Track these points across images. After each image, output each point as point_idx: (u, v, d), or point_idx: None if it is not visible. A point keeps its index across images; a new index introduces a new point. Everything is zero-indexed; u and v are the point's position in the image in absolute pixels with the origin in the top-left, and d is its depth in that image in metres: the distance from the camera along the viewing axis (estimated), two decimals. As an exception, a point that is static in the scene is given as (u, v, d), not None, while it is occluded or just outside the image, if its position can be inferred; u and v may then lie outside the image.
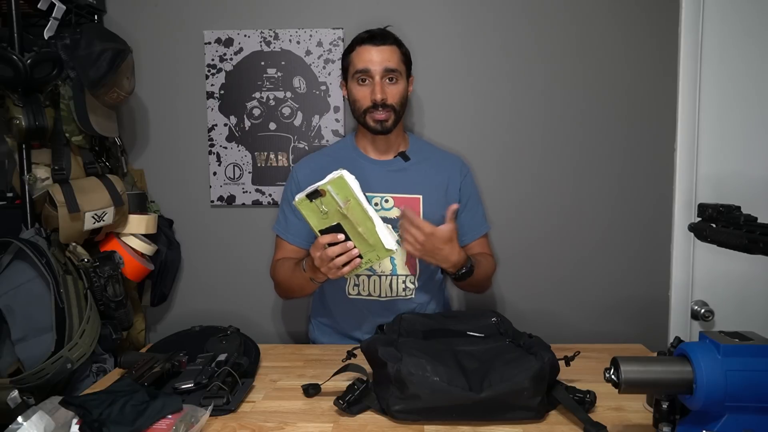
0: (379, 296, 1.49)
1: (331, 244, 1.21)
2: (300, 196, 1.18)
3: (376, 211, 1.43)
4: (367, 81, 1.43)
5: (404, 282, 1.49)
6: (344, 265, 1.21)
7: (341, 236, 1.19)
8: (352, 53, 1.45)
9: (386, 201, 1.48)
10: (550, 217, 1.74)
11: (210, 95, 1.75)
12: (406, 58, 1.48)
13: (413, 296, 1.50)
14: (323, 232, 1.20)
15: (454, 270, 1.36)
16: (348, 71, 1.47)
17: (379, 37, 1.43)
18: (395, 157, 1.52)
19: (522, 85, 1.71)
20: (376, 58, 1.41)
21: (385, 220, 1.45)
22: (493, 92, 1.72)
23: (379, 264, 1.47)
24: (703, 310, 1.68)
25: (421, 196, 1.49)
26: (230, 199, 1.77)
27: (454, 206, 1.33)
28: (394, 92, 1.43)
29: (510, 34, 1.70)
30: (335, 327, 1.56)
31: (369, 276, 1.48)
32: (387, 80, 1.42)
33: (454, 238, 1.32)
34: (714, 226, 0.94)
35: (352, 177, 1.16)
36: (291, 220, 1.53)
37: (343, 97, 1.71)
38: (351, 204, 1.16)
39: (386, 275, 1.49)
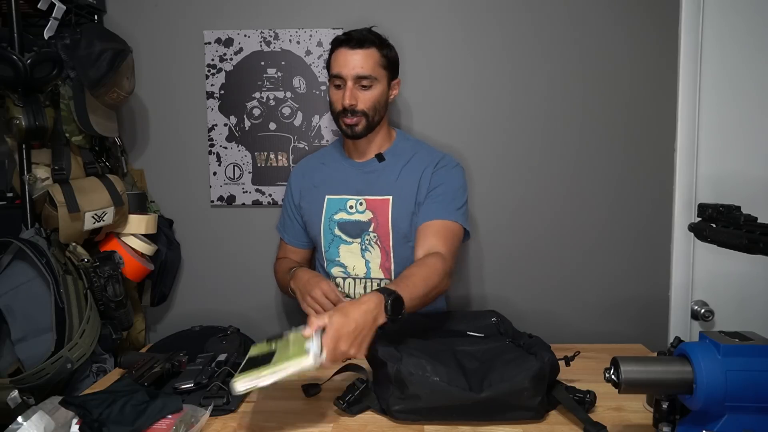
0: (354, 298, 1.46)
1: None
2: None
3: (350, 213, 1.46)
4: (340, 85, 1.41)
5: (379, 285, 1.44)
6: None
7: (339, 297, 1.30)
8: (332, 55, 1.43)
9: (360, 204, 1.47)
10: (549, 217, 1.74)
11: (210, 95, 1.75)
12: (389, 62, 1.43)
13: None
14: (252, 359, 1.05)
15: (390, 313, 1.11)
16: (328, 72, 1.46)
17: (356, 40, 1.39)
18: (372, 158, 1.51)
19: (521, 85, 1.71)
20: (349, 63, 1.38)
21: (358, 223, 1.46)
22: (492, 92, 1.72)
23: (353, 267, 1.47)
24: (703, 310, 1.68)
25: (390, 197, 1.45)
26: (230, 199, 1.77)
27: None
28: (366, 98, 1.40)
29: (509, 34, 1.70)
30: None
31: (344, 278, 1.48)
32: (359, 86, 1.39)
33: (333, 325, 1.04)
34: (714, 226, 0.94)
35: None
36: (286, 221, 1.60)
37: None
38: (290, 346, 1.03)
39: (360, 278, 1.47)
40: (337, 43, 1.42)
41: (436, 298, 1.32)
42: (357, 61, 1.38)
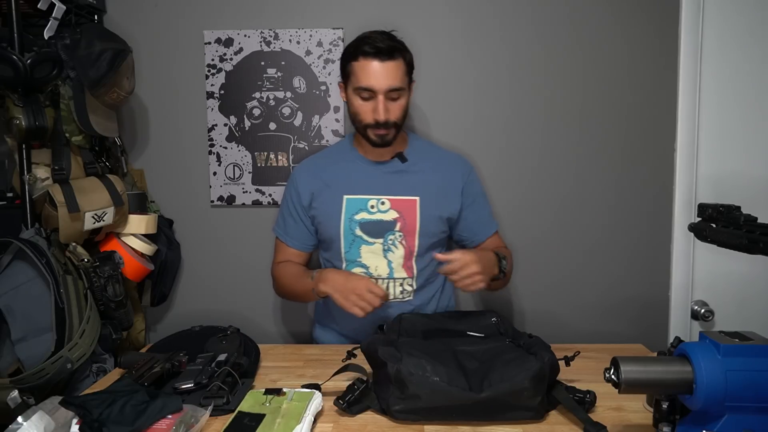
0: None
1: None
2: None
3: (372, 213, 1.45)
4: (369, 98, 1.37)
5: (401, 285, 1.48)
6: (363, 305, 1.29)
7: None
8: (355, 63, 1.37)
9: (383, 203, 1.46)
10: (550, 217, 1.74)
11: (210, 95, 1.75)
12: (410, 67, 1.41)
13: (411, 298, 1.49)
14: (241, 415, 1.05)
15: (498, 268, 1.37)
16: (349, 79, 1.40)
17: (385, 51, 1.34)
18: (393, 158, 1.51)
19: (521, 86, 1.71)
20: (380, 76, 1.34)
21: (381, 222, 1.46)
22: (493, 92, 1.72)
23: (376, 267, 1.46)
24: (703, 310, 1.68)
25: (418, 198, 1.47)
26: (230, 199, 1.77)
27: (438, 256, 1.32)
28: (396, 109, 1.39)
29: (511, 34, 1.70)
30: (337, 329, 1.55)
31: None
32: (389, 98, 1.37)
33: (472, 253, 1.31)
34: (714, 226, 0.94)
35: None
36: (290, 223, 1.54)
37: (343, 99, 1.60)
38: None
39: (383, 278, 1.47)
40: (364, 54, 1.35)
41: (507, 281, 1.52)
42: (388, 74, 1.34)
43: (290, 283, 1.50)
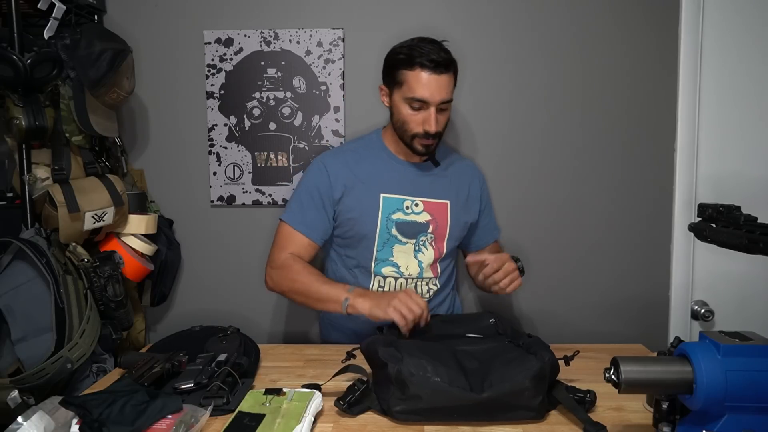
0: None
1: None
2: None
3: (407, 213, 1.46)
4: (420, 108, 1.36)
5: (428, 284, 1.49)
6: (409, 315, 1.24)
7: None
8: (410, 73, 1.35)
9: (416, 205, 1.47)
10: (550, 217, 1.74)
11: (210, 95, 1.75)
12: (456, 78, 1.42)
13: (433, 297, 1.50)
14: (241, 415, 1.05)
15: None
16: (399, 87, 1.38)
17: (443, 65, 1.34)
18: (424, 161, 1.50)
19: (521, 86, 1.71)
20: (435, 89, 1.34)
21: (415, 224, 1.46)
22: (492, 92, 1.72)
23: (407, 267, 1.47)
24: (703, 310, 1.68)
25: (448, 202, 1.50)
26: (230, 199, 1.77)
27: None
28: (443, 119, 1.40)
29: (511, 35, 1.70)
30: (354, 329, 1.50)
31: (396, 279, 1.47)
32: (439, 109, 1.37)
33: (500, 254, 1.38)
34: (714, 226, 0.94)
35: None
36: (310, 211, 1.45)
37: (384, 103, 1.47)
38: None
39: (413, 278, 1.47)
40: (421, 66, 1.34)
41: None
42: (442, 87, 1.35)
43: (311, 281, 1.37)
